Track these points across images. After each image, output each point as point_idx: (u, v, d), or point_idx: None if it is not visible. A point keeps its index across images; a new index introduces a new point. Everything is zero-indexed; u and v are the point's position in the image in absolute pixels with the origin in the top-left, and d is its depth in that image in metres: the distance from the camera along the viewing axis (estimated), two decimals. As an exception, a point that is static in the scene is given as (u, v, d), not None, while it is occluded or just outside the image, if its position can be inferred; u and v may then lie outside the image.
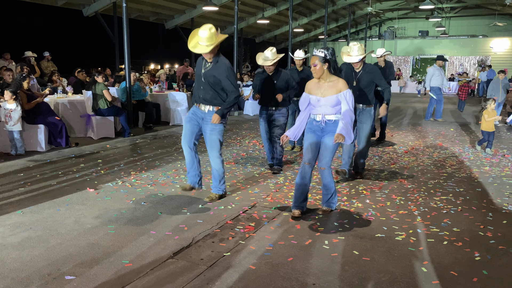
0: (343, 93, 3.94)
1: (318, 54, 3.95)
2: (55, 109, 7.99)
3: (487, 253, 3.36)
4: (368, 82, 5.25)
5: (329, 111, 4.01)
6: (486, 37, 26.09)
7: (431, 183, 5.39)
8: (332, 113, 4.02)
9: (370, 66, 5.35)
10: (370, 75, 5.24)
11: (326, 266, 3.12)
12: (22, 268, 3.03)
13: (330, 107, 3.99)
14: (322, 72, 3.97)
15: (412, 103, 17.59)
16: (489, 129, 7.23)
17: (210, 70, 4.32)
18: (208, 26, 4.20)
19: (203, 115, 4.43)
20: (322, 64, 3.94)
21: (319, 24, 25.92)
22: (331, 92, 3.97)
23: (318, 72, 3.97)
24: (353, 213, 4.27)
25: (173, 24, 18.35)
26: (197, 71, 4.46)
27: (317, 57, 3.94)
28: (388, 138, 8.83)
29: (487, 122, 7.21)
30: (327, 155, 4.07)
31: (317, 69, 3.95)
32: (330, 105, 3.98)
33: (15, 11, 19.38)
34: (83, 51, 24.41)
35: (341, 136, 3.81)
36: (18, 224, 3.85)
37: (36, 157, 6.59)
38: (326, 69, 3.96)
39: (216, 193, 4.62)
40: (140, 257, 3.21)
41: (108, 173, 5.70)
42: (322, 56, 3.93)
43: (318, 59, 3.93)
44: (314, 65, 3.95)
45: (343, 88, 3.95)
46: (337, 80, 4.00)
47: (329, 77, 4.01)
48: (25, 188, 4.98)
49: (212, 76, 4.30)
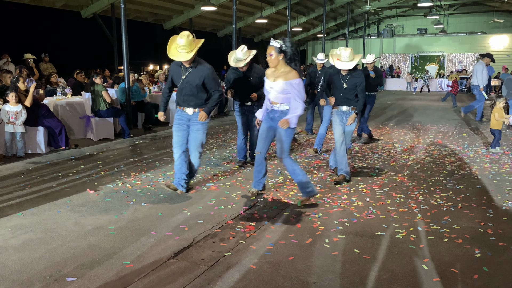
0: (293, 82, 4.06)
1: (274, 44, 4.09)
2: (54, 111, 7.98)
3: (488, 250, 3.36)
4: (354, 85, 5.21)
5: (277, 98, 4.16)
6: (485, 34, 26.08)
7: (431, 181, 5.39)
8: (279, 101, 4.18)
9: (358, 71, 5.32)
10: (356, 79, 5.19)
11: (327, 264, 3.12)
12: (23, 270, 3.03)
13: (277, 93, 4.14)
14: (277, 62, 4.12)
15: (411, 101, 17.59)
16: (499, 127, 7.12)
17: (192, 74, 4.55)
18: (185, 33, 4.35)
19: (189, 117, 4.69)
20: (277, 54, 4.09)
21: (318, 22, 25.92)
22: (281, 79, 4.11)
23: (273, 62, 4.12)
24: (354, 211, 4.27)
25: (172, 25, 18.35)
26: (176, 77, 4.67)
27: (273, 47, 4.08)
28: (387, 136, 8.83)
29: (497, 121, 7.08)
30: (282, 147, 4.26)
31: (272, 58, 4.11)
32: (278, 91, 4.13)
33: (13, 13, 19.38)
34: (81, 53, 24.40)
35: (285, 122, 4.06)
36: (18, 226, 3.85)
37: (36, 159, 6.59)
38: (281, 59, 4.11)
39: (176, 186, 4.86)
40: (141, 258, 3.21)
41: (108, 174, 5.70)
42: (278, 47, 4.06)
43: (273, 49, 4.07)
44: (270, 54, 4.10)
45: (293, 78, 4.07)
46: (290, 69, 4.13)
47: (284, 67, 4.15)
48: (25, 190, 4.98)
49: (196, 79, 4.53)
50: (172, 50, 4.44)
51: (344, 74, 5.25)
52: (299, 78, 4.10)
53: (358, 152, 7.19)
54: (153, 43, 30.63)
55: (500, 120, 7.08)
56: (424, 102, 17.19)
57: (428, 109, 14.22)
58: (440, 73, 25.81)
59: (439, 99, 18.07)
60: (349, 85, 5.21)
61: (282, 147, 4.27)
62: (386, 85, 25.22)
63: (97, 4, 14.11)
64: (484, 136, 8.74)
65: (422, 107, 14.89)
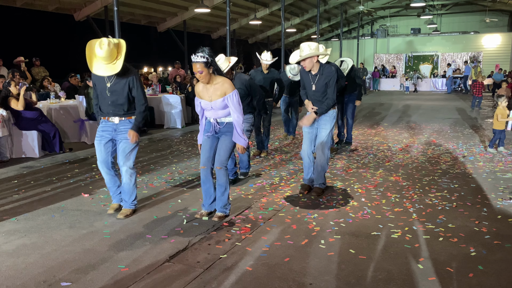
0: (228, 96, 3.88)
1: (199, 60, 3.72)
2: (48, 114, 7.94)
3: (483, 249, 3.37)
4: (324, 87, 4.69)
5: (220, 114, 3.99)
6: (478, 33, 26.26)
7: (425, 180, 5.41)
8: (222, 116, 4.01)
9: (329, 68, 4.71)
10: (326, 78, 4.65)
11: (322, 265, 3.12)
12: (17, 275, 3.01)
13: (219, 110, 3.96)
14: (209, 77, 3.83)
15: (405, 101, 17.67)
16: (501, 127, 7.00)
17: (117, 82, 4.03)
18: (104, 42, 3.78)
19: (115, 126, 4.14)
20: (207, 69, 3.77)
21: (312, 23, 25.98)
22: (217, 96, 3.90)
23: (206, 78, 3.81)
24: (349, 211, 4.27)
25: (165, 27, 18.31)
26: (99, 86, 4.10)
27: (200, 63, 3.73)
28: (381, 136, 8.85)
29: (499, 121, 6.97)
30: (223, 155, 4.04)
31: (203, 75, 3.78)
32: (219, 108, 3.95)
33: (5, 16, 19.27)
34: (75, 56, 24.25)
35: (240, 147, 4.01)
36: (12, 231, 3.82)
37: (30, 163, 6.55)
38: (211, 72, 3.83)
39: (129, 209, 4.27)
40: (136, 262, 3.20)
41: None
42: (205, 62, 3.73)
43: (202, 66, 3.73)
44: (200, 72, 3.75)
45: (228, 91, 3.88)
46: (222, 81, 3.88)
47: (215, 80, 3.88)
48: (19, 195, 4.94)
49: (122, 87, 4.03)
50: (95, 64, 3.89)
51: (313, 73, 4.72)
52: (233, 88, 3.91)
53: (353, 152, 7.20)
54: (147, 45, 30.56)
55: (502, 120, 6.95)
56: (417, 101, 17.26)
57: (420, 109, 14.28)
58: (434, 72, 25.94)
59: (429, 99, 18.16)
60: (320, 85, 4.70)
61: (226, 156, 4.06)
62: (380, 85, 25.33)
63: (90, 7, 14.05)
64: (478, 135, 8.79)
65: (416, 107, 14.95)
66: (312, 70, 4.71)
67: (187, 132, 9.78)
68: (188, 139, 8.80)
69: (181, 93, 11.17)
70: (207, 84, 3.91)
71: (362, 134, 9.10)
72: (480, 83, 14.05)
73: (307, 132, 4.86)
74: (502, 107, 7.03)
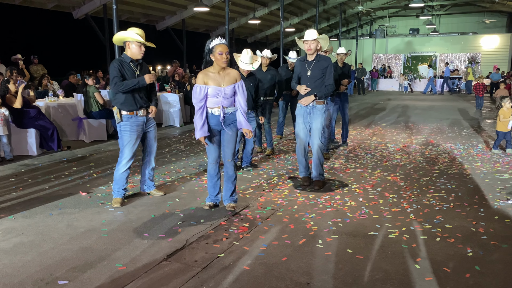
0: (239, 83, 4.02)
1: (225, 42, 3.93)
2: (46, 112, 7.93)
3: (480, 249, 3.38)
4: (319, 72, 4.81)
5: (226, 103, 4.04)
6: (476, 34, 26.30)
7: (423, 180, 5.42)
8: (229, 104, 4.07)
9: (325, 57, 4.90)
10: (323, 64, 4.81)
11: (320, 265, 3.12)
12: (15, 273, 3.00)
13: (228, 98, 4.02)
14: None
15: (403, 101, 17.69)
16: (505, 129, 6.94)
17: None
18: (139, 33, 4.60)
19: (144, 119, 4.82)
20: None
21: (311, 23, 25.95)
22: (229, 82, 3.99)
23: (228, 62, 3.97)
24: (347, 211, 4.28)
25: (164, 25, 18.29)
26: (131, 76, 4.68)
27: (227, 46, 3.91)
28: (379, 136, 8.86)
29: (502, 122, 6.93)
30: (232, 147, 4.17)
31: (228, 59, 3.93)
32: (229, 96, 4.02)
33: (4, 14, 19.22)
34: (74, 54, 24.23)
35: (248, 131, 4.08)
36: (9, 229, 3.82)
37: (28, 161, 6.54)
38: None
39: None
40: (134, 260, 3.20)
41: (101, 176, 5.67)
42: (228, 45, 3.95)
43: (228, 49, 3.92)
44: (227, 53, 3.89)
45: (238, 78, 4.02)
46: (231, 70, 4.05)
47: (227, 68, 4.02)
48: (17, 193, 4.93)
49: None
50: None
51: (310, 60, 4.88)
52: (240, 77, 4.08)
53: (351, 152, 7.21)
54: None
55: (504, 121, 6.89)
56: (416, 102, 17.28)
57: (418, 109, 14.30)
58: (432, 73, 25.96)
59: (429, 99, 18.17)
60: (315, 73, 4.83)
61: (233, 148, 4.19)
62: (378, 85, 25.36)
63: (89, 5, 14.02)
64: (476, 136, 8.81)
65: (414, 107, 14.96)
66: (309, 57, 4.90)
67: (185, 131, 9.77)
68: (186, 138, 8.79)
69: (179, 91, 11.17)
70: (223, 69, 3.99)
71: (360, 134, 9.11)
72: (481, 84, 14.17)
73: (301, 128, 5.01)
74: (506, 109, 6.96)
